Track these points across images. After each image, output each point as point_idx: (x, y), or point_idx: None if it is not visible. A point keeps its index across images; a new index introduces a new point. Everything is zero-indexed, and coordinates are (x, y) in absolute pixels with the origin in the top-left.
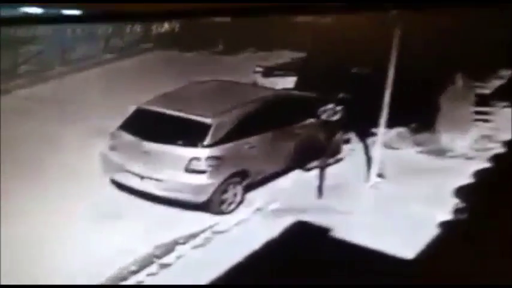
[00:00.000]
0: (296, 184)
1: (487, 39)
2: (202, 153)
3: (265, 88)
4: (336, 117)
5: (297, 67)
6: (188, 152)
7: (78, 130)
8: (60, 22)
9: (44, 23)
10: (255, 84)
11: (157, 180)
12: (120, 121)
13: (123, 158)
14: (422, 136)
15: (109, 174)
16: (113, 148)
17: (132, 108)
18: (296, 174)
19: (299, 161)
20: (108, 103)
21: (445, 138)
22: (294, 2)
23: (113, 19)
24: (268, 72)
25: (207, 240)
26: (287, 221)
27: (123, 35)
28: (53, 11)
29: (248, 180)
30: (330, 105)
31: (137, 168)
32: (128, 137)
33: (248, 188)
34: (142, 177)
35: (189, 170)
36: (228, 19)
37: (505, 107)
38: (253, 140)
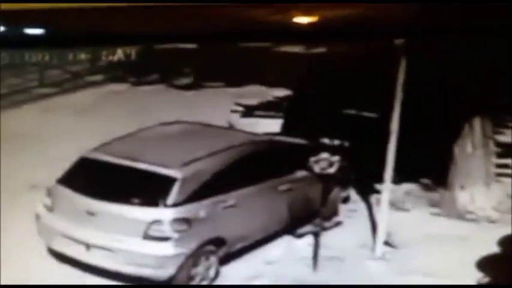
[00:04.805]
0: (285, 255)
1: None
2: (165, 214)
3: (244, 132)
4: (331, 170)
5: (284, 107)
6: (147, 214)
7: (5, 185)
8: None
9: None
10: (231, 127)
11: (107, 250)
12: (58, 174)
13: (63, 220)
14: (436, 194)
15: (46, 241)
16: (49, 208)
17: (74, 158)
18: (285, 242)
19: (288, 225)
20: (44, 151)
21: (463, 197)
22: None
23: (56, 43)
24: (248, 113)
25: None
26: None
27: (64, 64)
28: None
29: (225, 249)
30: (324, 155)
31: (81, 234)
32: (69, 194)
33: (225, 260)
34: (88, 246)
35: (148, 237)
36: (194, 46)
37: None
38: (230, 197)
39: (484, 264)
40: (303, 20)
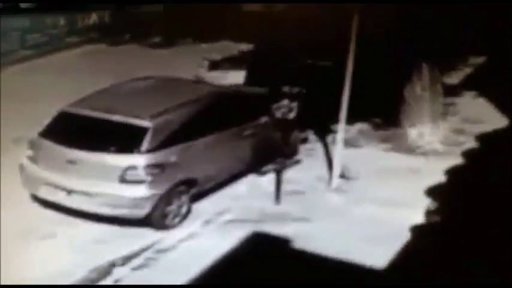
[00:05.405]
0: (250, 191)
1: (453, 25)
2: (139, 160)
3: (211, 84)
4: (291, 115)
5: (246, 60)
6: (123, 160)
7: None
8: None
9: None
10: (198, 80)
11: (87, 194)
12: (40, 127)
13: (45, 170)
14: (387, 132)
15: (30, 189)
16: (32, 159)
17: (54, 112)
18: (250, 180)
19: (253, 165)
20: (26, 107)
21: (413, 133)
22: None
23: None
24: (214, 66)
25: (149, 260)
26: (241, 233)
27: (44, 27)
28: None
29: (195, 189)
30: (285, 101)
31: (63, 181)
32: (49, 145)
33: (196, 198)
34: (69, 192)
35: (124, 181)
36: (161, 7)
37: (475, 97)
38: (199, 143)
39: (433, 192)
40: None
